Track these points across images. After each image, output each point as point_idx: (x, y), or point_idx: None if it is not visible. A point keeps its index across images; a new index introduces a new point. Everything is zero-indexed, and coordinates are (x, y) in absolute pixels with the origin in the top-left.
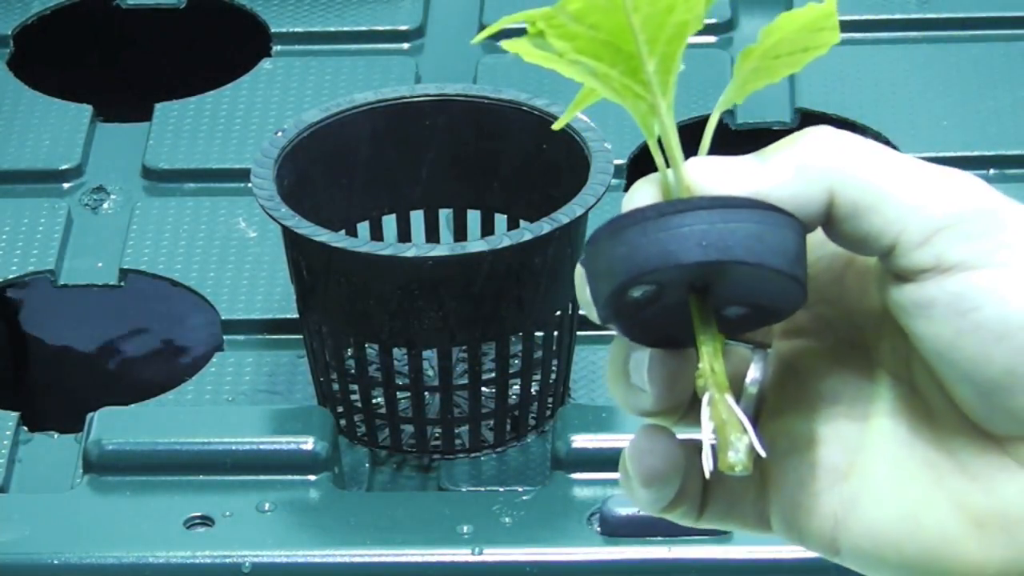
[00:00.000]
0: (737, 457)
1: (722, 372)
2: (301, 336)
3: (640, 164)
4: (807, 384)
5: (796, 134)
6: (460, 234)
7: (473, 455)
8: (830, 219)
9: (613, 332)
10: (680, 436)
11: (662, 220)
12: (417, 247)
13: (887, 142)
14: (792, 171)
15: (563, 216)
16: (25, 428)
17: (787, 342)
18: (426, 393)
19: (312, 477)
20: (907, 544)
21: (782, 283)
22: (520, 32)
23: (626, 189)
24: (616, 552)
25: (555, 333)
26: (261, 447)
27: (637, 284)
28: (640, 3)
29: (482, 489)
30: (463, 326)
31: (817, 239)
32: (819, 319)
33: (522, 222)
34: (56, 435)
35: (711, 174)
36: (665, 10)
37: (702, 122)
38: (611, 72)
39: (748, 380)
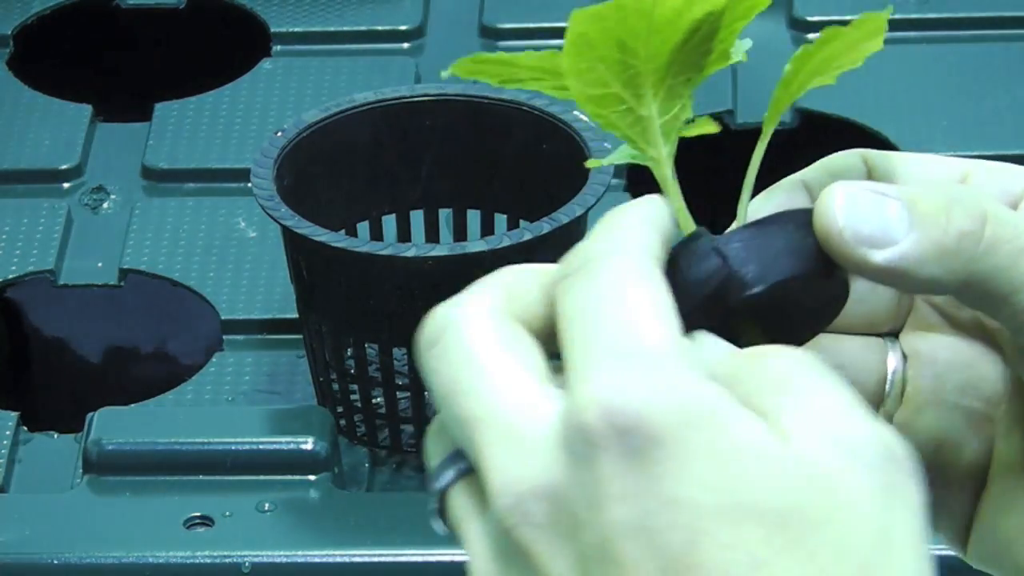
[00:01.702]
0: None
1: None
2: (301, 336)
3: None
4: (942, 376)
5: (950, 197)
6: (460, 234)
7: None
8: (957, 296)
9: None
10: None
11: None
12: (417, 247)
13: (887, 142)
14: (934, 256)
15: (563, 216)
16: (25, 428)
17: (918, 335)
18: (426, 393)
19: (312, 477)
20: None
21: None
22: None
23: (626, 189)
24: None
25: None
26: (261, 447)
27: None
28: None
29: None
30: None
31: None
32: (950, 315)
33: (522, 222)
34: (56, 435)
35: (860, 230)
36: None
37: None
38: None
39: (891, 369)
